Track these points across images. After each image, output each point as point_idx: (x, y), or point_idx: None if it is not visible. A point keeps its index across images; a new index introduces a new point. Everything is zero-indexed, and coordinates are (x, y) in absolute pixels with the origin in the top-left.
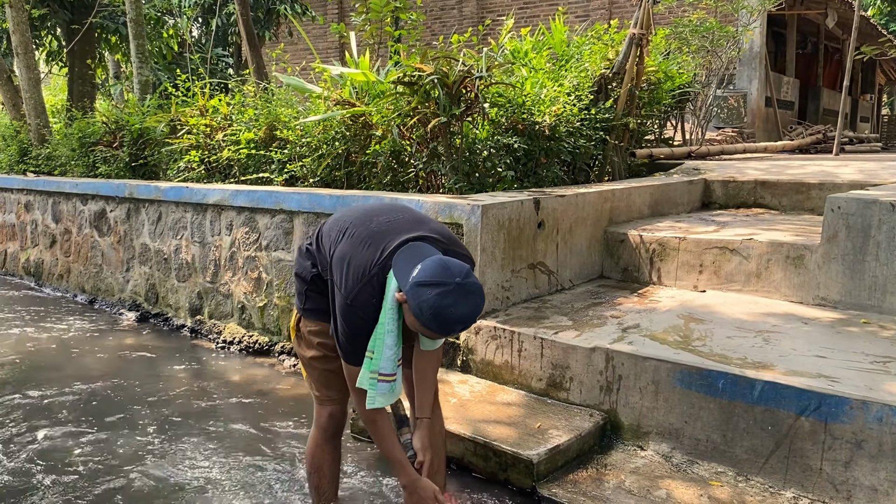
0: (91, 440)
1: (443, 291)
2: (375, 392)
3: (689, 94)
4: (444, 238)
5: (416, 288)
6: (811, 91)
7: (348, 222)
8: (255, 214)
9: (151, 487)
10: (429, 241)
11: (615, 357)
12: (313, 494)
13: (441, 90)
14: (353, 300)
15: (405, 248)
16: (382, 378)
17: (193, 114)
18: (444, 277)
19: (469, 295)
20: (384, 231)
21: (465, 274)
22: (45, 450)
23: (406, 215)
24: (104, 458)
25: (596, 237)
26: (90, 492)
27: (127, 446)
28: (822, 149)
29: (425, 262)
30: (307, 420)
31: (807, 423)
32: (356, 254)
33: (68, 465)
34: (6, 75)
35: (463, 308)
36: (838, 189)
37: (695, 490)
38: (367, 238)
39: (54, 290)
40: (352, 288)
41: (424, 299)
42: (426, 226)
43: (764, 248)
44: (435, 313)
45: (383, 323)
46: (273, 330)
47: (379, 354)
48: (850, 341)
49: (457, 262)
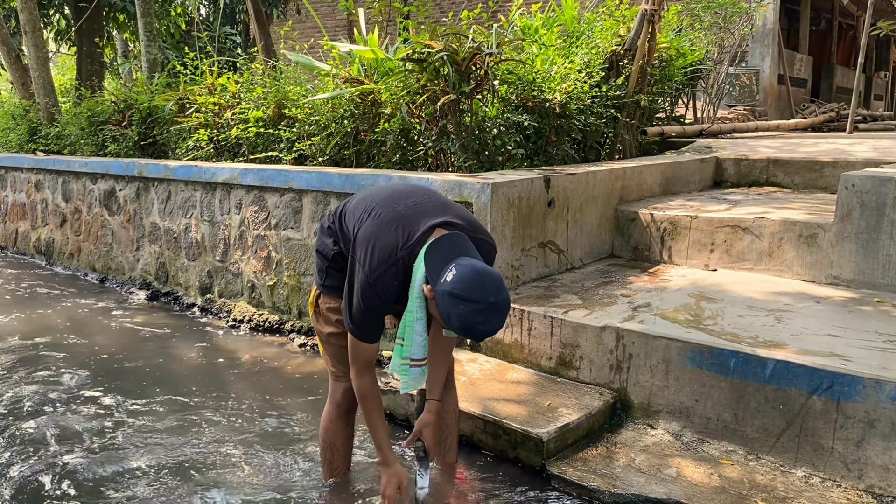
0: (101, 416)
1: (476, 310)
2: (408, 377)
3: (701, 71)
4: (469, 225)
5: (448, 297)
6: (825, 68)
7: (374, 203)
8: (264, 193)
9: (162, 463)
10: (455, 228)
11: (626, 336)
12: (325, 468)
13: (450, 67)
14: (375, 280)
15: (441, 238)
16: (415, 363)
17: (202, 92)
18: (478, 295)
19: (499, 313)
20: (411, 214)
21: (497, 290)
22: (56, 426)
23: (432, 199)
24: (115, 433)
25: (606, 216)
26: (101, 466)
27: (138, 422)
28: (836, 127)
29: (461, 267)
30: (317, 397)
31: (819, 402)
32: (382, 235)
33: (79, 441)
34: (14, 54)
35: (492, 325)
36: (852, 167)
37: (705, 468)
38: (393, 220)
39: (65, 269)
40: (376, 268)
41: (455, 312)
42: (451, 211)
43: (776, 227)
44: (464, 327)
45: (412, 311)
46: (283, 309)
47: (409, 341)
48: (864, 320)
49: (490, 274)
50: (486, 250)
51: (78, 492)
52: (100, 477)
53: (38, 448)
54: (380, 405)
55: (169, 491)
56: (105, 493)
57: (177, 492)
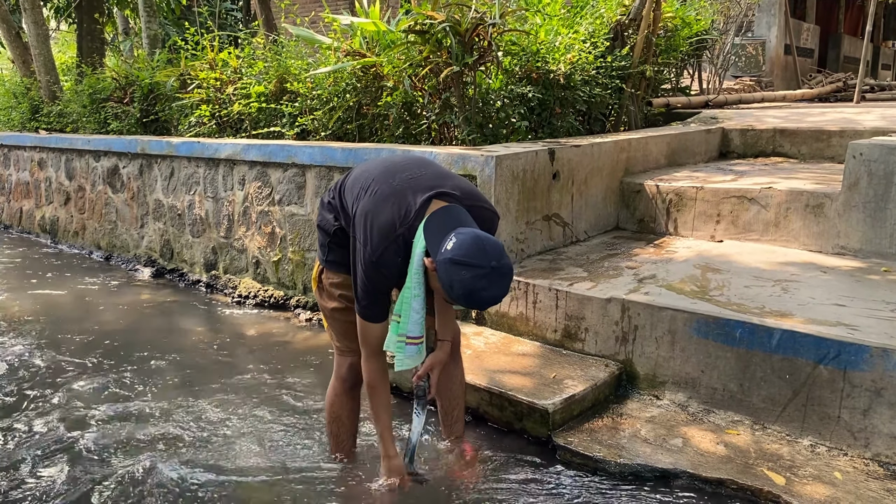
0: (110, 392)
1: (477, 274)
2: (403, 355)
3: (707, 41)
4: (467, 194)
5: (449, 265)
6: (832, 38)
7: (371, 178)
8: (267, 169)
9: (171, 437)
10: (452, 199)
11: (631, 307)
12: (332, 442)
13: (453, 38)
14: (378, 258)
15: (438, 210)
16: (410, 341)
17: (203, 68)
18: (479, 260)
19: (502, 278)
20: (406, 188)
21: (500, 255)
22: (65, 402)
23: (429, 170)
24: (124, 408)
25: (612, 188)
26: (110, 441)
27: (146, 397)
28: (843, 97)
29: (460, 235)
30: (323, 371)
31: (825, 372)
32: (380, 212)
33: (89, 416)
34: (14, 31)
35: (495, 290)
36: (860, 136)
37: (711, 438)
38: (390, 196)
39: (70, 247)
40: (377, 246)
41: (457, 278)
42: (449, 182)
43: (783, 197)
44: (467, 293)
45: (409, 287)
46: (288, 284)
47: (406, 318)
48: (871, 289)
49: (491, 240)
50: (487, 217)
51: (83, 464)
52: (105, 449)
53: (46, 423)
54: (387, 394)
55: (176, 463)
56: (112, 464)
57: (184, 464)
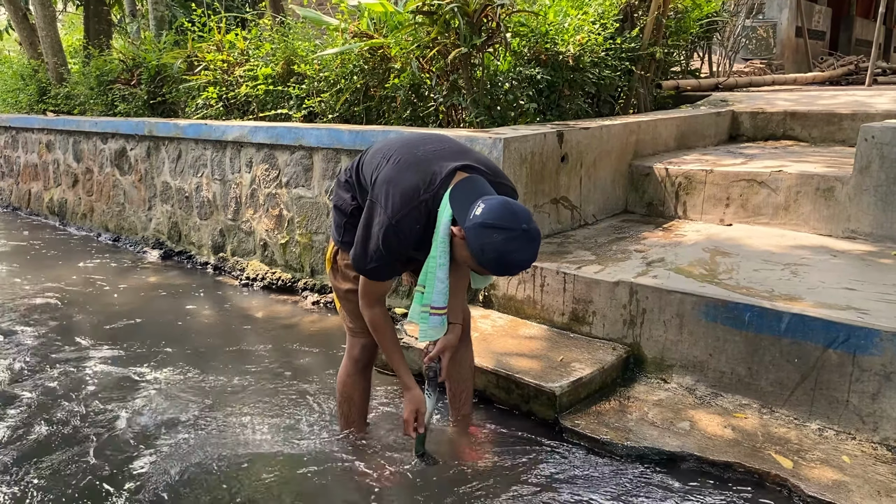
0: (120, 373)
1: (509, 237)
2: (427, 325)
3: (717, 23)
4: (490, 169)
5: (480, 229)
6: (844, 20)
7: (392, 150)
8: (274, 151)
9: (178, 417)
10: (476, 172)
11: (639, 291)
12: (342, 422)
13: (461, 19)
14: (398, 222)
15: (463, 180)
16: (435, 311)
17: (210, 49)
18: (511, 223)
19: (532, 242)
20: (431, 158)
21: (529, 219)
22: (77, 383)
23: (450, 145)
24: (133, 388)
25: (620, 171)
26: (116, 421)
27: (155, 378)
28: (854, 80)
29: (489, 201)
30: (330, 354)
31: (834, 356)
32: (403, 178)
33: (100, 397)
34: (21, 13)
35: (525, 254)
36: (871, 119)
37: (719, 421)
38: (413, 164)
39: (79, 229)
40: (399, 209)
41: (489, 242)
42: (470, 156)
43: (793, 180)
44: (498, 257)
45: (435, 256)
46: (295, 267)
47: (431, 288)
48: (881, 273)
49: (520, 205)
50: (507, 194)
51: (89, 444)
52: (111, 429)
53: (52, 402)
54: (393, 333)
55: (184, 445)
56: (117, 444)
57: (192, 446)
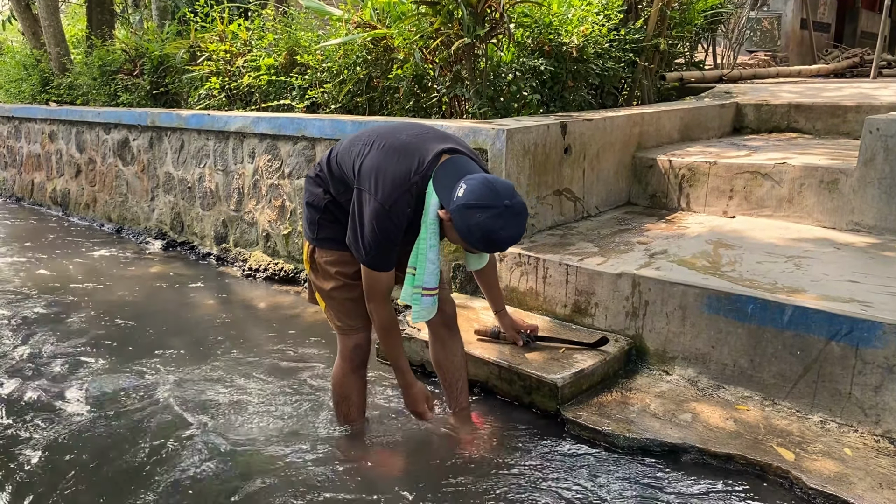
0: (122, 363)
1: (493, 214)
2: (420, 307)
3: (722, 15)
4: (471, 153)
5: (464, 210)
6: (849, 12)
7: (373, 137)
8: (277, 142)
9: (182, 409)
10: (461, 154)
11: (642, 282)
12: (340, 420)
13: (465, 9)
14: (391, 206)
15: (444, 162)
16: (426, 292)
17: (213, 40)
18: (492, 200)
19: (517, 216)
20: (415, 143)
21: (511, 194)
22: (76, 374)
23: (431, 131)
24: (135, 379)
25: (624, 163)
26: (122, 411)
27: (157, 369)
28: (859, 72)
29: (469, 181)
30: (332, 345)
31: (837, 348)
32: (391, 163)
33: (99, 388)
34: (24, 3)
35: (512, 229)
36: (876, 112)
37: (721, 413)
38: (399, 148)
39: (81, 219)
40: (390, 194)
41: (474, 222)
42: (452, 140)
43: (797, 173)
44: (484, 235)
45: (424, 238)
46: (298, 258)
47: (422, 270)
48: (885, 266)
49: (501, 181)
50: None
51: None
52: (114, 419)
53: (54, 392)
54: (400, 335)
55: (185, 434)
56: (120, 434)
57: (194, 435)
